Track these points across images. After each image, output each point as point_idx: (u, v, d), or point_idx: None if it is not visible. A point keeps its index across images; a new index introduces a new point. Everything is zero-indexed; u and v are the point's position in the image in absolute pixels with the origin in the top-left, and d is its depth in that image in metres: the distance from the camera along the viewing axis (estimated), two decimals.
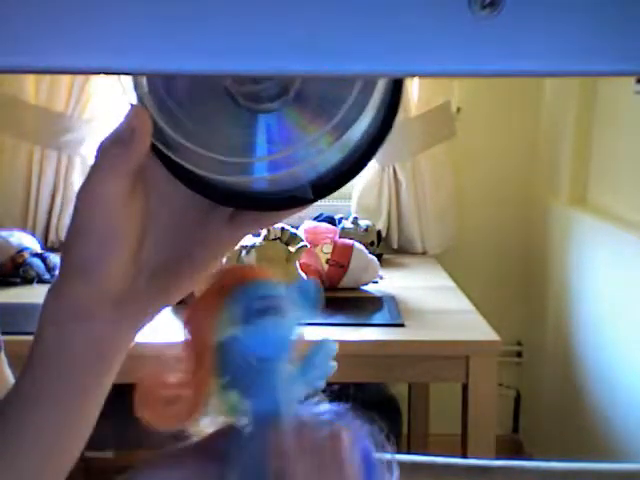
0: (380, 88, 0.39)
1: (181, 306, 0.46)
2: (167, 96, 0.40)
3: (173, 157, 0.41)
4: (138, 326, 0.44)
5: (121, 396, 0.54)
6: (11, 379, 0.53)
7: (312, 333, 0.44)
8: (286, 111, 0.39)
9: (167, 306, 0.45)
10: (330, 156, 0.40)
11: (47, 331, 0.43)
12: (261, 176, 0.40)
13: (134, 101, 0.40)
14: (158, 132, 0.40)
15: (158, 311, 0.45)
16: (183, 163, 0.41)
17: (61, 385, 0.43)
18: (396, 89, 0.40)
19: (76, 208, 0.41)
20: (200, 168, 0.40)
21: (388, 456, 0.42)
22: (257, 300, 0.42)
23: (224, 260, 0.48)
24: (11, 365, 0.54)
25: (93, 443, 0.47)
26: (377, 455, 0.41)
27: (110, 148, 0.40)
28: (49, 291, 0.43)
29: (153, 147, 0.41)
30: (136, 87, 0.40)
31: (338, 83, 0.38)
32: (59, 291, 0.42)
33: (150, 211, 0.43)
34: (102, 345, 0.43)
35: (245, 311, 0.41)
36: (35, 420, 0.43)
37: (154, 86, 0.40)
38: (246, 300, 0.42)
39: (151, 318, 0.45)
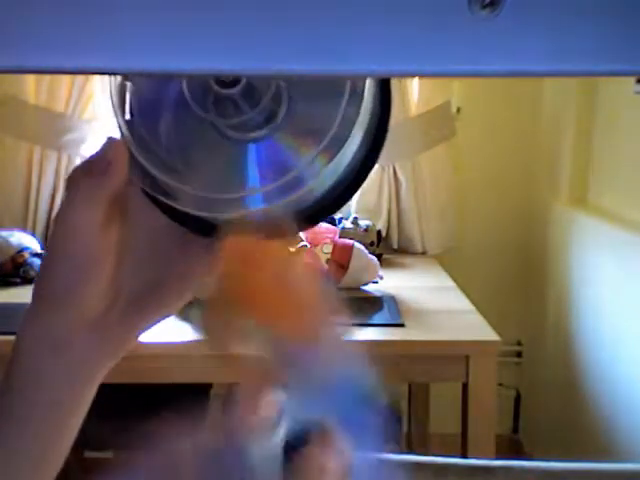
0: (367, 106, 0.38)
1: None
2: (153, 140, 0.39)
3: (161, 198, 0.40)
4: (117, 351, 0.44)
5: (121, 396, 0.54)
6: None
7: None
8: (276, 138, 0.39)
9: (146, 331, 0.45)
10: (315, 188, 0.39)
11: (23, 358, 0.43)
12: (255, 209, 0.39)
13: (115, 134, 0.40)
14: (139, 166, 0.40)
15: (137, 336, 0.45)
16: (174, 204, 0.40)
17: (36, 411, 0.43)
18: (383, 114, 0.40)
19: (51, 236, 0.41)
20: (189, 207, 0.40)
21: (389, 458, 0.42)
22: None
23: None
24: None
25: (93, 443, 0.47)
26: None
27: (84, 178, 0.40)
28: (24, 318, 0.43)
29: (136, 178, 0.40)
30: (120, 128, 0.40)
31: (324, 102, 0.38)
32: (35, 319, 0.42)
33: (127, 237, 0.43)
34: (79, 372, 0.43)
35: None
36: (9, 446, 0.43)
37: (138, 128, 0.39)
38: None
39: (131, 343, 0.45)
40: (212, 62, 0.28)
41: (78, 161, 2.35)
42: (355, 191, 0.41)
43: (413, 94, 2.37)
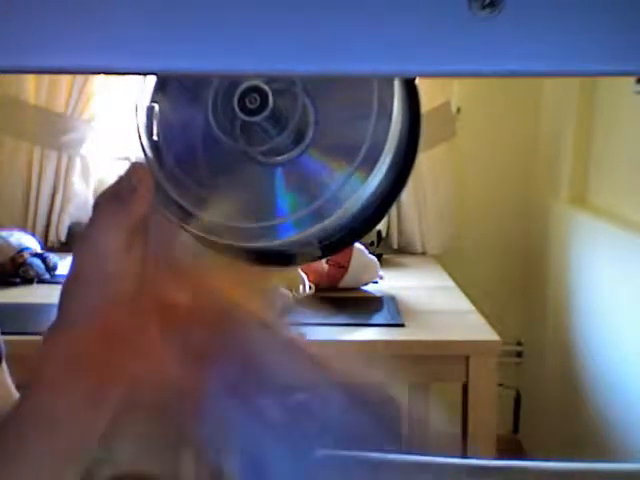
0: (396, 129, 0.38)
1: None
2: (182, 170, 0.39)
3: (196, 232, 0.40)
4: None
5: None
6: (13, 390, 0.53)
7: (313, 333, 0.44)
8: (305, 160, 0.38)
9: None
10: (345, 211, 0.39)
11: (45, 370, 0.43)
12: (288, 235, 0.38)
13: (139, 159, 0.40)
14: (163, 192, 0.39)
15: None
16: (207, 236, 0.40)
17: (56, 422, 0.43)
18: (412, 140, 0.40)
19: (74, 257, 0.42)
20: (220, 237, 0.40)
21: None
22: None
23: None
24: (11, 365, 0.54)
25: None
26: None
27: (110, 204, 0.41)
28: (47, 334, 0.44)
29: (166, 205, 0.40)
30: (145, 154, 0.40)
31: (354, 120, 0.37)
32: (57, 336, 0.43)
33: (149, 254, 0.43)
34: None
35: None
36: (29, 447, 0.43)
37: (164, 157, 0.39)
38: None
39: None
40: (213, 62, 0.28)
41: (78, 161, 2.35)
42: (383, 215, 0.41)
43: None
